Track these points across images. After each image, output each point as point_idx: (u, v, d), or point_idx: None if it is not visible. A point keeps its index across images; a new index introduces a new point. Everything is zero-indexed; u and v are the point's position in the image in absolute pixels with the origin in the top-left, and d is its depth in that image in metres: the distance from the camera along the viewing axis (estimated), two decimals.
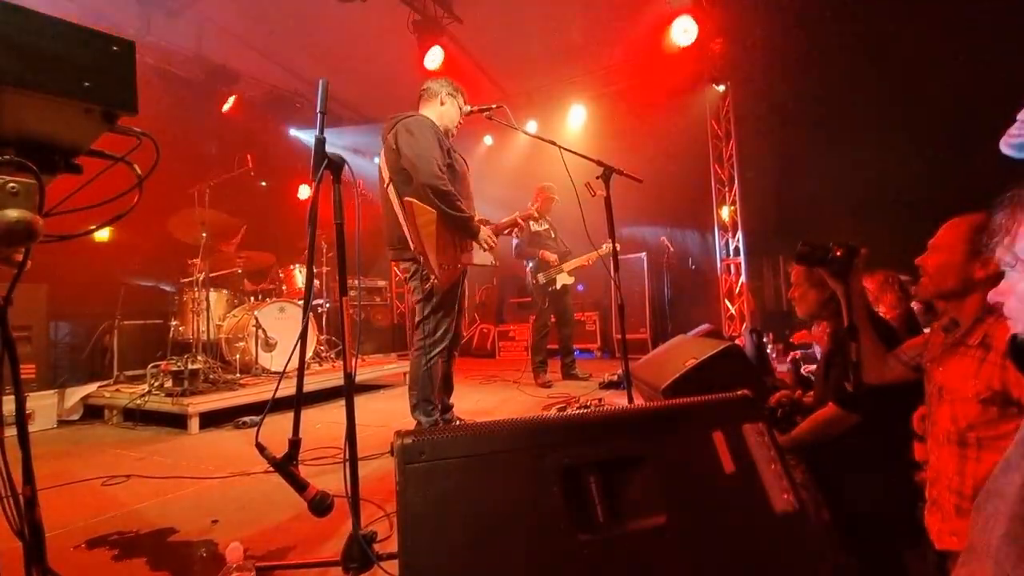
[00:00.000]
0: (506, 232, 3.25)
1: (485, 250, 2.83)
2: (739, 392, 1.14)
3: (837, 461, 1.77)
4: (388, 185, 2.76)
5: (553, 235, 5.21)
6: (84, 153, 1.04)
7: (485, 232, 2.78)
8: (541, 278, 5.02)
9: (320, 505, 1.48)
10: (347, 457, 1.46)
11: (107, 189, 1.09)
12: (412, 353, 2.84)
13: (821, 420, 1.76)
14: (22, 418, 0.99)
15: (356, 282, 6.00)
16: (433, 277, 2.64)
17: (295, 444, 1.50)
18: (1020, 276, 0.80)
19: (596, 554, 0.92)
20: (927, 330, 2.04)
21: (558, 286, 5.05)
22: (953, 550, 1.28)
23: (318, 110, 1.51)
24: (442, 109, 2.93)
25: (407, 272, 2.85)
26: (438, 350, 2.77)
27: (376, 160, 2.96)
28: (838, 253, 1.51)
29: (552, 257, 5.00)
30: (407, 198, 2.54)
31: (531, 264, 5.11)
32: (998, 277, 1.27)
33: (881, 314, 2.34)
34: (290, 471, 1.46)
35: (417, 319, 2.82)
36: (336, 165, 1.52)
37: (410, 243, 2.62)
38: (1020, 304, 0.80)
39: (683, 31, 5.49)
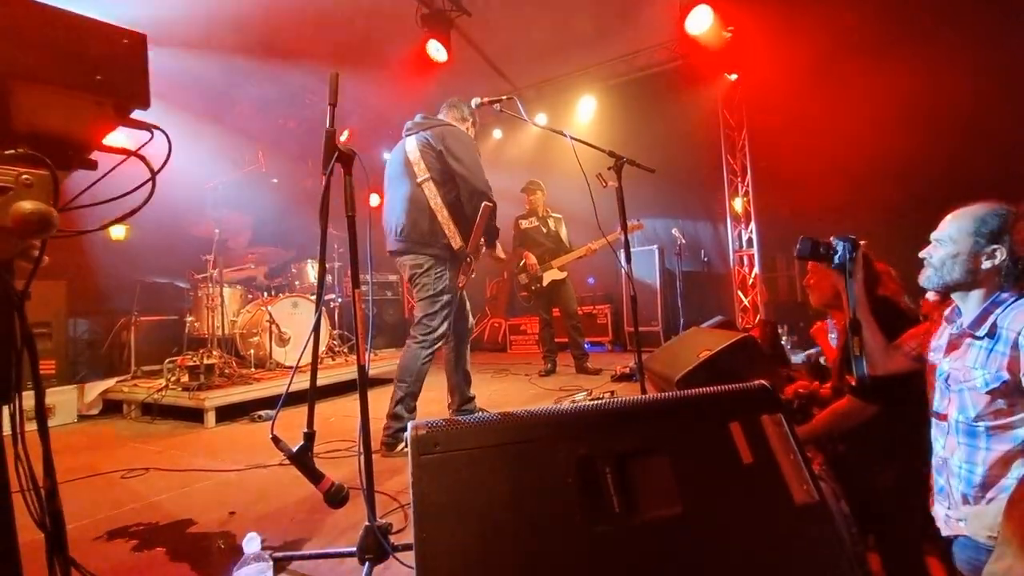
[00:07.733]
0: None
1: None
2: (757, 382, 1.12)
3: (855, 451, 1.75)
4: (425, 182, 2.85)
5: (545, 230, 5.11)
6: (97, 148, 1.04)
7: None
8: (522, 279, 5.02)
9: (335, 496, 1.49)
10: (361, 449, 1.47)
11: (127, 185, 1.09)
12: (409, 346, 2.80)
13: (839, 412, 1.74)
14: (42, 412, 1.01)
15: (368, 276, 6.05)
16: (468, 274, 2.89)
17: (309, 436, 1.50)
18: None
19: (612, 545, 0.91)
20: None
21: (544, 283, 5.00)
22: (960, 535, 1.28)
23: (328, 102, 1.51)
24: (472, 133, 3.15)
25: (419, 267, 2.84)
26: (439, 344, 2.88)
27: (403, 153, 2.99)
28: (836, 248, 1.51)
29: (531, 260, 4.94)
30: (486, 203, 2.82)
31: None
32: (1004, 268, 1.25)
33: None
34: (305, 463, 1.47)
35: (422, 314, 2.82)
36: (347, 158, 1.51)
37: (454, 240, 2.84)
38: None
39: (696, 19, 5.40)
